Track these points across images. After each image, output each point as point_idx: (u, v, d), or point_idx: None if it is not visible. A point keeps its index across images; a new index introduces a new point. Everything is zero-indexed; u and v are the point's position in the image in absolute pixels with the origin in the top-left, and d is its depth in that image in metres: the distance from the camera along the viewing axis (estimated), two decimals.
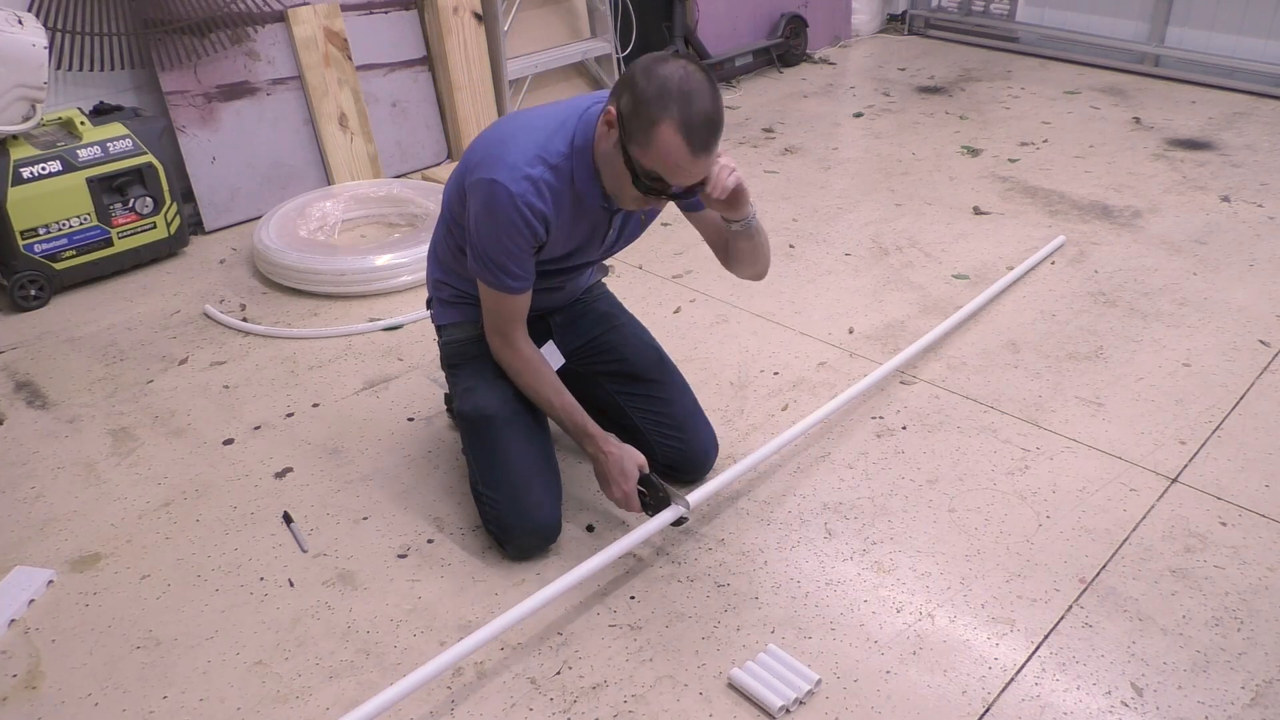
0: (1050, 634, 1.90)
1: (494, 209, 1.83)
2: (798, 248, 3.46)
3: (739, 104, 4.94)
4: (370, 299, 3.14)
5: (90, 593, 2.04)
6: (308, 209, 3.49)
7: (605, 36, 4.51)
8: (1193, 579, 2.02)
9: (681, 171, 1.73)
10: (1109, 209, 3.70)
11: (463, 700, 1.78)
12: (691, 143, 1.69)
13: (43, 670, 1.87)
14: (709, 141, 1.71)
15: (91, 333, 3.00)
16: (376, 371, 2.77)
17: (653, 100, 1.67)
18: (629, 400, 2.24)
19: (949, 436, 2.47)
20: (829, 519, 2.20)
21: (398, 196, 3.63)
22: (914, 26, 6.07)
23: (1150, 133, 4.42)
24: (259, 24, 3.59)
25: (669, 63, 1.70)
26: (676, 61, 1.71)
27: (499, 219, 1.83)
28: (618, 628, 1.93)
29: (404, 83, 4.02)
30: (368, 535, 2.18)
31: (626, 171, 1.77)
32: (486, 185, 1.83)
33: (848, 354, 2.82)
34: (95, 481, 2.37)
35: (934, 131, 4.50)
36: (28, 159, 3.01)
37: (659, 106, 1.67)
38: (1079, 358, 2.78)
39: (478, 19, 4.05)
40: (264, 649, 1.90)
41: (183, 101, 3.48)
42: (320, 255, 3.17)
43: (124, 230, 3.24)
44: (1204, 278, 3.19)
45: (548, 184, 1.83)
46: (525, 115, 1.95)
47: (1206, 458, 2.37)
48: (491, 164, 1.84)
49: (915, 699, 1.77)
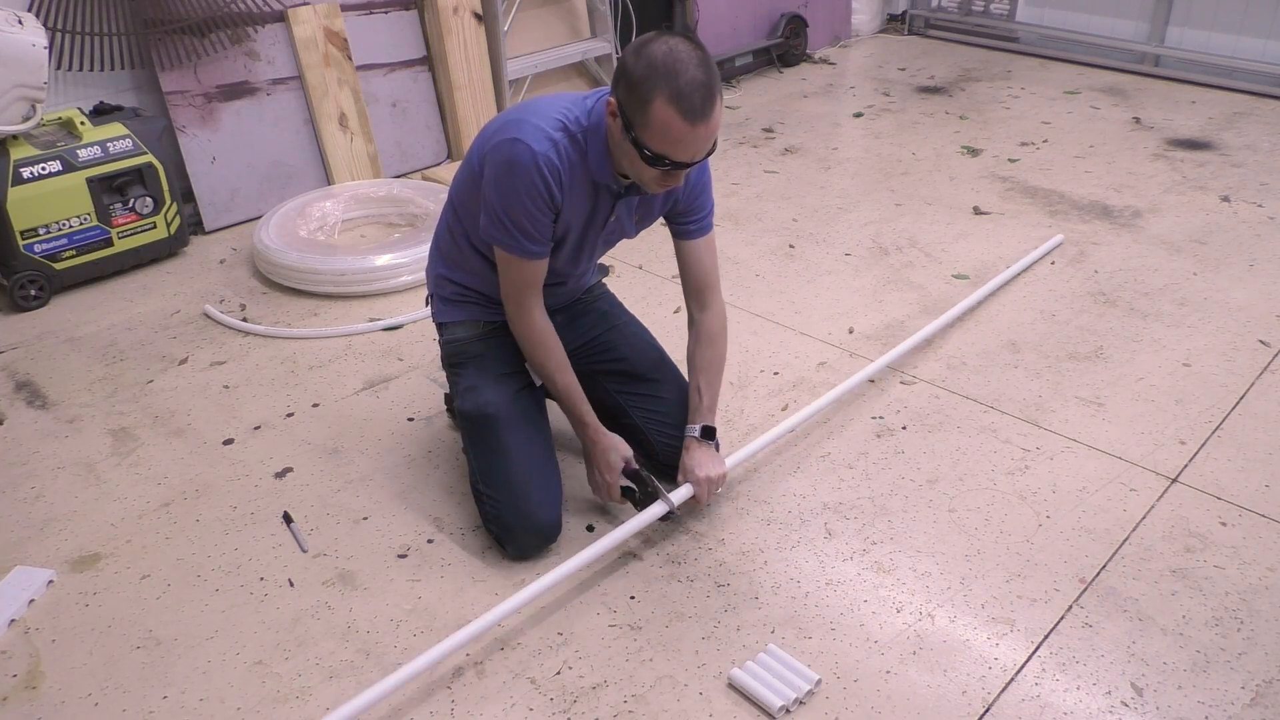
0: (1050, 634, 1.90)
1: (515, 168, 1.84)
2: (797, 248, 3.46)
3: (739, 104, 4.95)
4: (370, 299, 3.14)
5: (90, 593, 2.04)
6: (308, 209, 3.49)
7: (605, 36, 4.52)
8: (1193, 579, 2.02)
9: (683, 144, 1.73)
10: (1109, 209, 3.70)
11: (463, 700, 1.78)
12: (686, 114, 1.69)
13: (43, 670, 1.87)
14: (705, 109, 1.70)
15: (91, 333, 3.00)
16: (376, 371, 2.77)
17: (643, 81, 1.69)
18: (629, 399, 2.24)
19: (949, 436, 2.47)
20: (829, 519, 2.20)
21: (398, 196, 3.63)
22: (914, 26, 6.07)
23: (1150, 133, 4.42)
24: (259, 24, 3.59)
25: (656, 41, 1.71)
26: (663, 38, 1.71)
27: (519, 179, 1.84)
28: (618, 628, 1.93)
29: (404, 83, 4.02)
30: (368, 535, 2.18)
31: (639, 156, 1.77)
32: (509, 145, 1.84)
33: (848, 354, 2.82)
34: (95, 481, 2.37)
35: (934, 131, 4.50)
36: (28, 159, 3.01)
37: (649, 86, 1.69)
38: (1079, 358, 2.78)
39: (478, 19, 4.05)
40: (264, 649, 1.90)
41: (183, 101, 3.48)
42: (320, 255, 3.17)
43: (124, 230, 3.24)
44: (1204, 278, 3.19)
45: (567, 150, 1.85)
46: (544, 97, 1.97)
47: (1206, 458, 2.37)
48: (516, 127, 1.86)
49: (915, 699, 1.77)
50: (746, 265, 3.34)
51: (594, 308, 2.32)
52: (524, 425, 2.10)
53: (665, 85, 1.67)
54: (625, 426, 2.24)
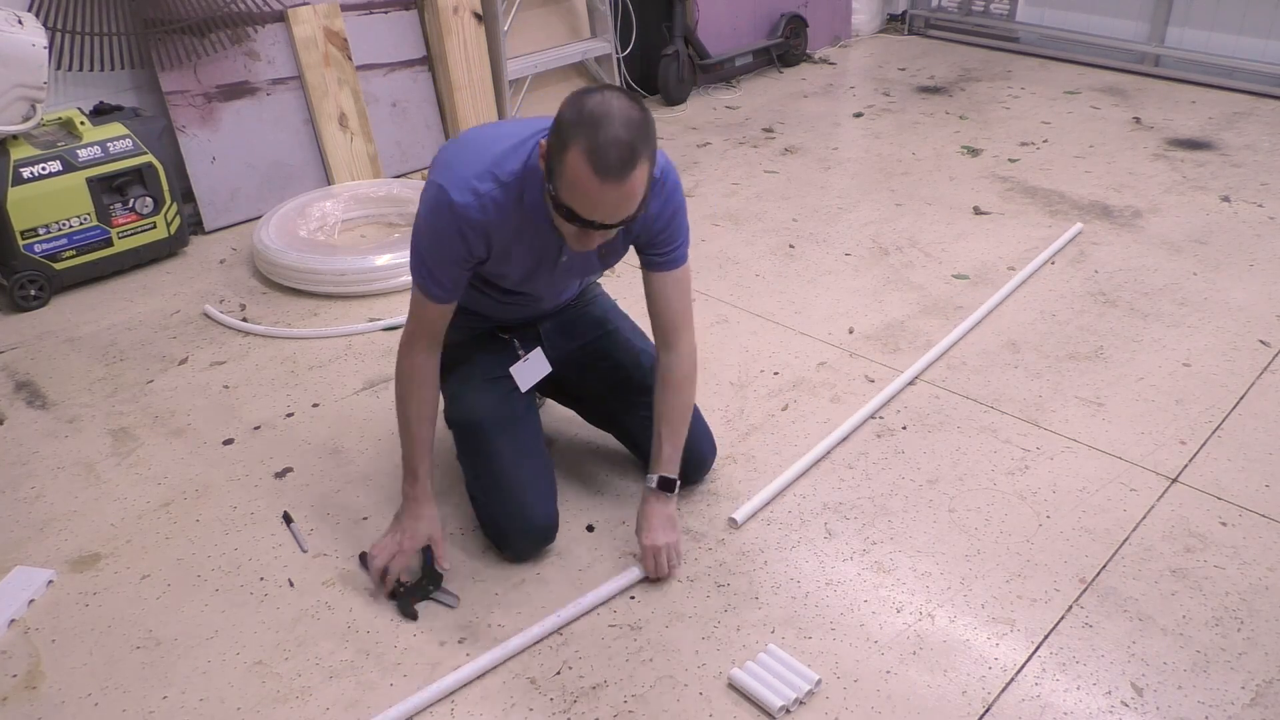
0: (1050, 634, 1.90)
1: (436, 214, 1.79)
2: (798, 248, 3.46)
3: (739, 104, 4.95)
4: (370, 299, 3.14)
5: (90, 593, 2.04)
6: (307, 209, 3.49)
7: (605, 37, 4.52)
8: (1193, 579, 2.02)
9: (590, 201, 1.62)
10: (1109, 209, 3.70)
11: (463, 700, 1.78)
12: (597, 169, 1.57)
13: (43, 670, 1.87)
14: (620, 170, 1.58)
15: (91, 333, 3.00)
16: (376, 371, 2.77)
17: (568, 127, 1.60)
18: (623, 406, 2.20)
19: (949, 436, 2.47)
20: (829, 519, 2.20)
21: (397, 196, 3.63)
22: (914, 26, 6.07)
23: (1150, 133, 4.42)
24: (259, 24, 3.59)
25: (596, 92, 1.63)
26: (606, 92, 1.63)
27: (438, 225, 1.79)
28: (618, 628, 1.93)
29: (404, 83, 4.02)
30: (368, 535, 2.18)
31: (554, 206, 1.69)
32: (434, 189, 1.78)
33: (848, 354, 2.81)
34: (95, 481, 2.37)
35: (934, 131, 4.50)
36: (28, 159, 3.01)
37: (571, 134, 1.59)
38: (1079, 358, 2.78)
39: (478, 19, 4.05)
40: (264, 649, 1.90)
41: (183, 101, 3.48)
42: (320, 255, 3.17)
43: (124, 230, 3.24)
44: (1204, 278, 3.19)
45: (494, 200, 1.77)
46: (490, 128, 1.89)
47: (1207, 458, 2.37)
48: (445, 171, 1.80)
49: (915, 699, 1.77)
50: (746, 265, 3.34)
51: (586, 312, 2.26)
52: (513, 430, 2.07)
53: (585, 137, 1.57)
54: (621, 430, 2.24)
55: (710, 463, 2.28)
